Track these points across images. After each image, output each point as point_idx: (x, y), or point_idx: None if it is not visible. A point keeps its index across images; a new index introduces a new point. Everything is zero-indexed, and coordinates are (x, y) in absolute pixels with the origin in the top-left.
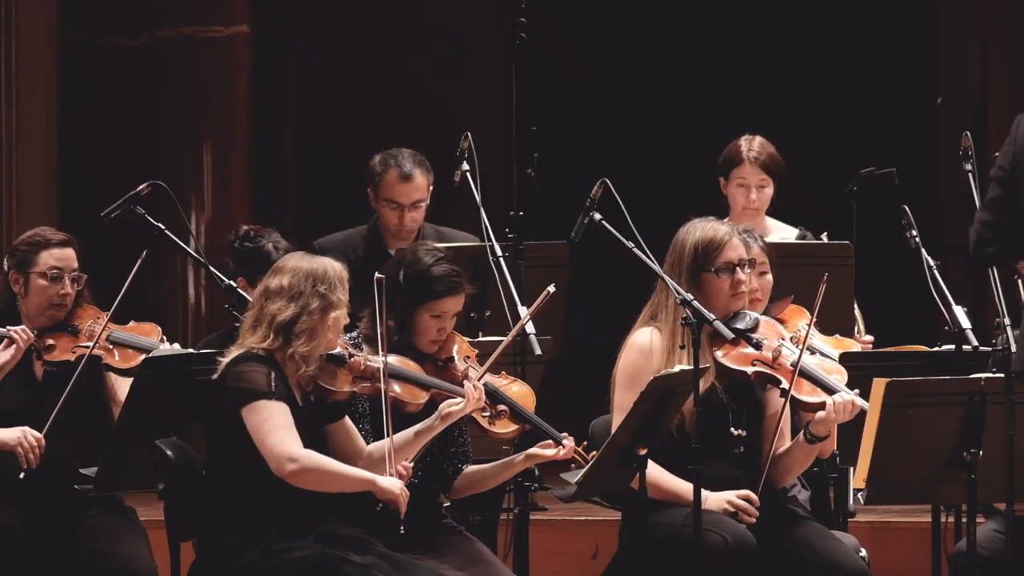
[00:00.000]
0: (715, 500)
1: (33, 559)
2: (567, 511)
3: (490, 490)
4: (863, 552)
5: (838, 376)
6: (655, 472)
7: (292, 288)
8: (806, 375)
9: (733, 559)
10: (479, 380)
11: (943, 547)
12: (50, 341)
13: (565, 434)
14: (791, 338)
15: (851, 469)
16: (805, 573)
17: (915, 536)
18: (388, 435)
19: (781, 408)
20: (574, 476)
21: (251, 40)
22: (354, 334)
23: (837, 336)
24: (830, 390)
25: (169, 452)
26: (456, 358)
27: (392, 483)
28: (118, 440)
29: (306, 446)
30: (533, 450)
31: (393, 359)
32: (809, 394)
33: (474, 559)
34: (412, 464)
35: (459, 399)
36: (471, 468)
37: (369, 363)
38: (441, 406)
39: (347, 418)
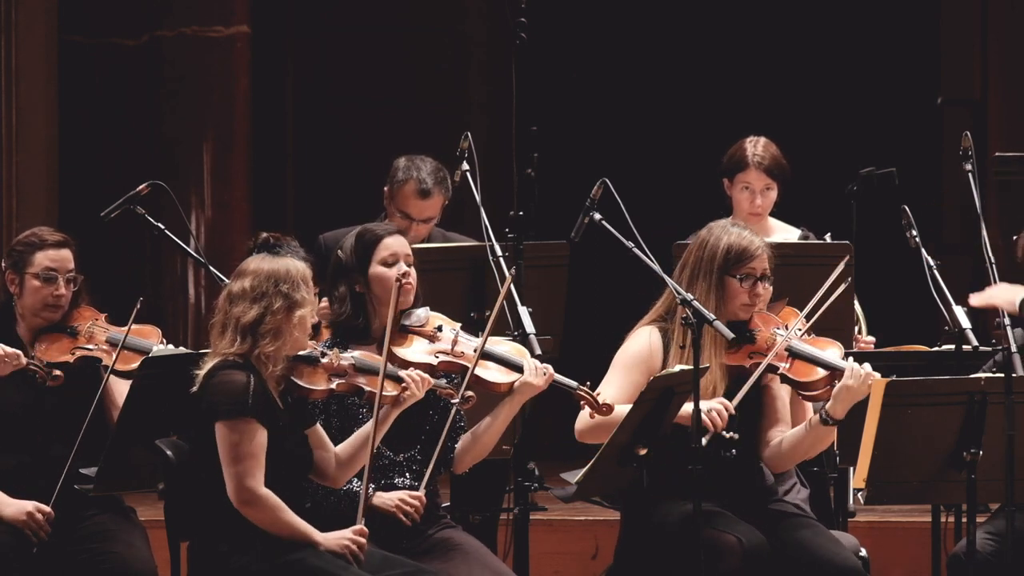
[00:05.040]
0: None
1: (33, 559)
2: (567, 511)
3: (490, 490)
4: (863, 552)
5: (834, 350)
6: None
7: (254, 290)
8: (800, 356)
9: (746, 561)
10: (474, 348)
11: (943, 547)
12: (56, 372)
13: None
14: (785, 326)
15: (851, 469)
16: (799, 570)
17: (915, 536)
18: (374, 440)
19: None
20: (574, 476)
21: (251, 40)
22: (327, 341)
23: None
24: (827, 366)
25: (169, 452)
26: (444, 327)
27: (335, 542)
28: (118, 440)
29: (289, 449)
30: (517, 384)
31: (360, 353)
32: (806, 375)
33: (474, 559)
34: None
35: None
36: (465, 435)
37: (341, 361)
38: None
39: (318, 424)
